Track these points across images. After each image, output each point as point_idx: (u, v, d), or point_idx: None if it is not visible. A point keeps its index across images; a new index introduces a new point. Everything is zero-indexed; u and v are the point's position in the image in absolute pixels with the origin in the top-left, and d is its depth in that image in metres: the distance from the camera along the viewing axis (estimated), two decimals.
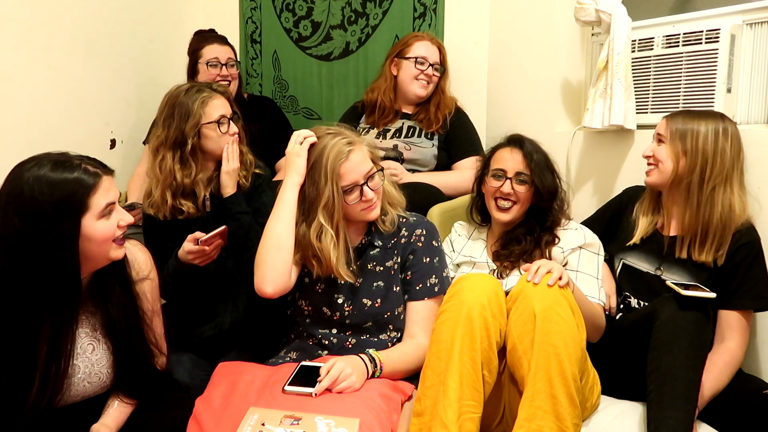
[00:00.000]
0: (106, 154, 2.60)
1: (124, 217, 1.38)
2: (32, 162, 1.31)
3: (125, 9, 2.69)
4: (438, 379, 1.42)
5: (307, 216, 1.58)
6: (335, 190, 1.55)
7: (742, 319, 1.65)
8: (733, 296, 1.66)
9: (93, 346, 1.42)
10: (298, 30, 3.06)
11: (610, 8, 2.09)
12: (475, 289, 1.46)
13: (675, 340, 1.46)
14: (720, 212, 1.66)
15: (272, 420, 1.34)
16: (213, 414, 1.41)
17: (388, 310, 1.67)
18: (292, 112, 3.10)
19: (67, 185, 1.29)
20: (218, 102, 1.86)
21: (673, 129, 1.73)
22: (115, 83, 2.61)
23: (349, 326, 1.67)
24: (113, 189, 1.37)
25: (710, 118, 1.72)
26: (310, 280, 1.68)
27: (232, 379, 1.52)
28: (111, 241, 1.36)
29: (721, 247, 1.67)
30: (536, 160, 1.80)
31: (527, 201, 1.82)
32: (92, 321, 1.43)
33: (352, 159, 1.57)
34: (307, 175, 1.58)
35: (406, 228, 1.71)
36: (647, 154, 1.80)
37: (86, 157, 1.37)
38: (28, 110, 2.21)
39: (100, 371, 1.42)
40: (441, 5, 2.75)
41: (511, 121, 2.62)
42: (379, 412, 1.41)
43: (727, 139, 1.68)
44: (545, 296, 1.44)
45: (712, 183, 1.67)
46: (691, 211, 1.70)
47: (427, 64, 2.41)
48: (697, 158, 1.68)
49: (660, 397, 1.43)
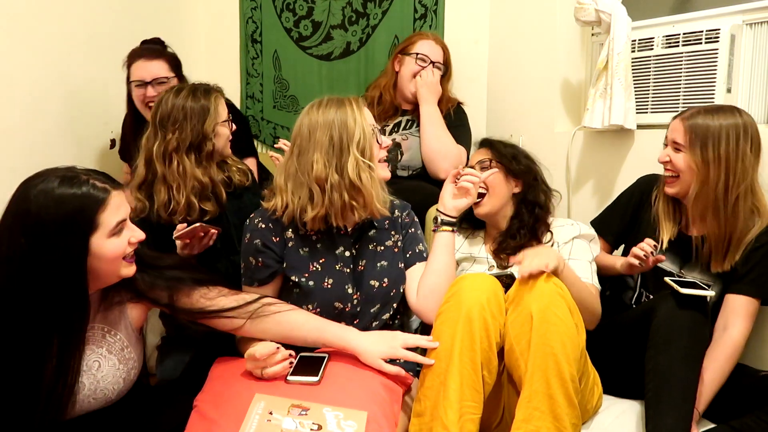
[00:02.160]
0: (106, 154, 2.60)
1: (136, 234, 1.35)
2: (39, 178, 1.26)
3: (126, 9, 2.69)
4: (438, 380, 1.42)
5: (338, 159, 1.55)
6: (366, 127, 1.57)
7: (748, 306, 1.62)
8: (741, 281, 1.64)
9: (99, 363, 1.39)
10: (298, 30, 3.06)
11: (610, 8, 2.09)
12: (474, 288, 1.46)
13: (672, 339, 1.46)
14: (742, 222, 1.63)
15: (280, 408, 1.31)
16: (214, 402, 1.39)
17: (394, 288, 1.67)
18: (292, 112, 3.10)
19: (74, 202, 1.25)
20: (223, 100, 1.91)
21: (692, 135, 1.64)
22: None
23: (357, 314, 1.64)
24: (124, 205, 1.33)
25: (727, 114, 1.63)
26: (315, 282, 1.62)
27: (231, 370, 1.50)
28: (121, 258, 1.32)
29: (738, 254, 1.65)
30: (499, 147, 1.87)
31: (500, 189, 1.83)
32: (98, 337, 1.40)
33: (367, 109, 1.63)
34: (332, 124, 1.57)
35: (398, 209, 1.74)
36: (664, 159, 1.72)
37: (94, 171, 1.33)
38: (28, 110, 2.21)
39: (106, 388, 1.39)
40: (441, 6, 2.75)
41: (511, 121, 2.62)
42: (383, 404, 1.40)
43: (747, 139, 1.60)
44: (542, 297, 1.43)
45: (735, 192, 1.60)
46: (715, 221, 1.65)
47: (429, 62, 2.42)
48: (720, 167, 1.60)
49: (658, 398, 1.43)
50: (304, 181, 1.56)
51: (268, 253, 1.61)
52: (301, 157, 1.57)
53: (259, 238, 1.62)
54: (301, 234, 1.63)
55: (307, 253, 1.63)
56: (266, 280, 1.63)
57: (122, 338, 1.43)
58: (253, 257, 1.62)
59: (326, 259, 1.63)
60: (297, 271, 1.62)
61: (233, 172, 1.94)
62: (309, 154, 1.56)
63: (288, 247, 1.62)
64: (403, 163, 2.41)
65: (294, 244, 1.63)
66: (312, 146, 1.55)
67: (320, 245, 1.63)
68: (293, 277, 1.62)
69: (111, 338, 1.42)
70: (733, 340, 1.60)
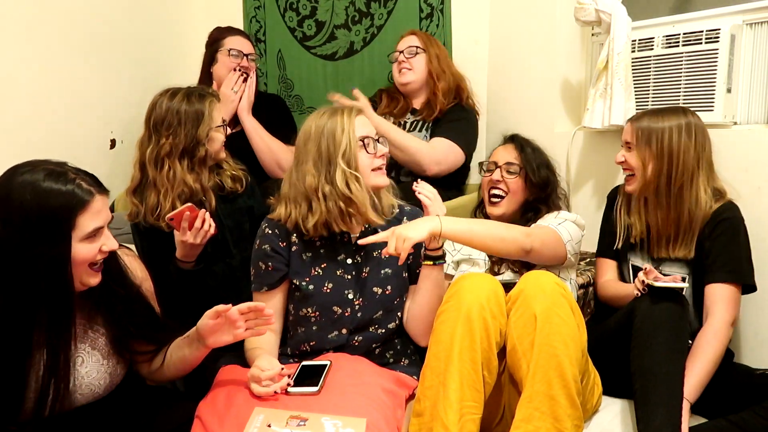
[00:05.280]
0: (106, 154, 2.61)
1: (109, 243, 1.31)
2: (27, 167, 1.25)
3: (127, 8, 2.69)
4: (438, 380, 1.41)
5: (327, 170, 1.58)
6: (352, 138, 1.59)
7: (724, 292, 1.65)
8: (711, 269, 1.68)
9: (82, 359, 1.38)
10: (302, 29, 3.06)
11: (610, 8, 2.09)
12: (473, 288, 1.46)
13: (652, 336, 1.48)
14: (688, 210, 1.70)
15: (278, 420, 1.32)
16: (217, 414, 1.40)
17: (397, 296, 1.67)
18: (297, 112, 3.10)
19: (56, 198, 1.22)
20: (218, 105, 1.89)
21: (638, 134, 1.75)
22: (116, 83, 2.61)
23: (359, 320, 1.65)
24: (104, 211, 1.29)
25: (672, 115, 1.73)
26: (315, 286, 1.64)
27: (236, 381, 1.51)
28: (87, 265, 1.29)
29: (692, 241, 1.72)
30: (528, 153, 1.90)
31: (518, 194, 1.86)
32: (80, 333, 1.38)
33: (362, 118, 1.65)
34: (322, 134, 1.60)
35: (407, 215, 1.73)
36: (619, 160, 1.81)
37: (84, 172, 1.30)
38: (28, 110, 2.21)
39: (91, 383, 1.39)
40: (448, 5, 2.74)
41: (511, 121, 2.62)
42: (385, 408, 1.41)
43: (690, 135, 1.70)
44: (546, 297, 1.43)
45: (678, 183, 1.70)
46: (661, 213, 1.74)
47: (398, 53, 2.48)
48: (663, 160, 1.71)
49: (645, 396, 1.44)
50: (302, 191, 1.60)
51: (276, 257, 1.65)
52: (298, 166, 1.63)
53: (268, 243, 1.66)
54: (306, 240, 1.65)
55: (309, 258, 1.66)
56: (275, 285, 1.66)
57: (106, 334, 1.42)
58: (262, 262, 1.66)
59: (327, 264, 1.65)
60: (299, 275, 1.65)
61: (225, 177, 1.93)
62: (304, 165, 1.61)
63: (292, 252, 1.66)
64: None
65: (298, 249, 1.66)
66: (305, 157, 1.61)
67: (323, 251, 1.66)
68: (295, 281, 1.65)
69: (93, 334, 1.41)
70: (713, 328, 1.62)
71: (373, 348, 1.66)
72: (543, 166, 1.89)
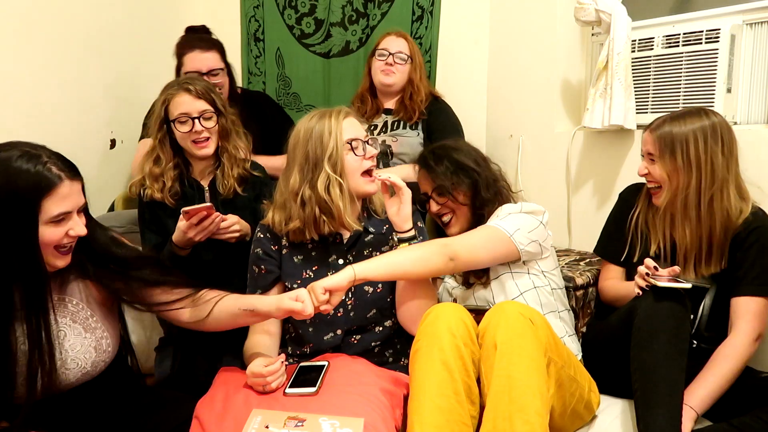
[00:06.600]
0: (106, 154, 2.61)
1: (77, 228, 1.30)
2: (6, 146, 1.27)
3: (125, 8, 2.69)
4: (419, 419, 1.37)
5: (312, 174, 1.59)
6: (339, 141, 1.59)
7: (751, 305, 1.60)
8: (741, 282, 1.62)
9: (65, 332, 1.38)
10: (300, 27, 3.06)
11: (610, 8, 2.09)
12: (442, 321, 1.43)
13: (653, 336, 1.46)
14: (720, 222, 1.63)
15: (276, 422, 1.33)
16: (215, 415, 1.40)
17: (389, 294, 1.67)
18: (295, 110, 3.11)
19: (24, 178, 1.23)
20: (180, 99, 1.84)
21: (661, 144, 1.65)
22: (115, 83, 2.62)
23: (353, 321, 1.65)
24: (73, 197, 1.29)
25: (693, 117, 1.64)
26: None
27: (234, 382, 1.52)
28: (53, 247, 1.29)
29: (724, 256, 1.65)
30: (438, 171, 1.76)
31: (461, 207, 1.77)
32: (60, 307, 1.39)
33: (352, 119, 1.65)
34: (310, 137, 1.60)
35: None
36: (643, 172, 1.73)
37: (60, 156, 1.30)
38: (28, 110, 2.22)
39: (77, 357, 1.38)
40: (437, 7, 2.77)
41: (511, 121, 2.63)
42: (383, 408, 1.40)
43: (717, 139, 1.61)
44: (508, 327, 1.38)
45: (708, 193, 1.62)
46: (690, 227, 1.66)
47: (388, 54, 2.47)
48: (691, 171, 1.62)
49: (645, 396, 1.43)
50: (286, 195, 1.63)
51: (268, 260, 1.68)
52: (287, 171, 1.65)
53: (260, 247, 1.69)
54: (297, 243, 1.67)
55: (301, 260, 1.68)
56: (268, 287, 1.69)
57: (85, 308, 1.42)
58: (256, 265, 1.69)
59: (319, 267, 1.67)
60: (291, 278, 1.67)
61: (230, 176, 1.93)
62: (290, 170, 1.63)
63: (284, 254, 1.68)
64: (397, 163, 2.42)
65: (289, 252, 1.68)
66: (293, 161, 1.63)
67: (315, 253, 1.67)
68: (287, 283, 1.67)
69: (73, 308, 1.41)
70: (734, 342, 1.58)
71: (372, 347, 1.67)
72: (458, 171, 1.75)
